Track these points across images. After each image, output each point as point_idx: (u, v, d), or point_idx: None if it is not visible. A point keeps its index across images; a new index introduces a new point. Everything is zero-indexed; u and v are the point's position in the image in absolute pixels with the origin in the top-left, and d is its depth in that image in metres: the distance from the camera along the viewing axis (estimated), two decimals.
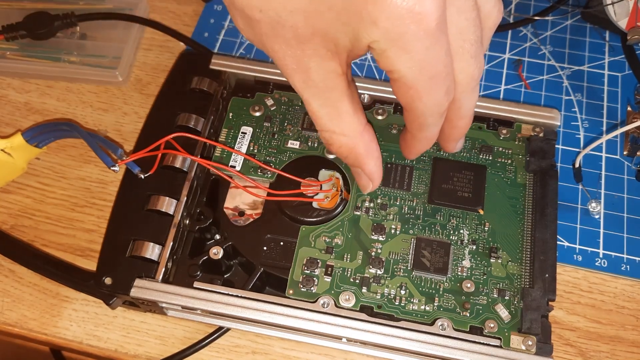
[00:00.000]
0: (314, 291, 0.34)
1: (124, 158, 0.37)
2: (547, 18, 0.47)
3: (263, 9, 0.26)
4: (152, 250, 0.34)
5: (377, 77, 0.45)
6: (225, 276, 0.36)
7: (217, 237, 0.37)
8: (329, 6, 0.25)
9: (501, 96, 0.44)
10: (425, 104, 0.28)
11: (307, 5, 0.25)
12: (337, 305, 0.33)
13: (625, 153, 0.41)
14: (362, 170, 0.32)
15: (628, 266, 0.38)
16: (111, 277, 0.34)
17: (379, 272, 0.35)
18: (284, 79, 0.40)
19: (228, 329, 0.36)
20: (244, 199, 0.37)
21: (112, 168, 0.37)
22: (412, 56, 0.25)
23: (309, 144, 0.39)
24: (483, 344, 0.32)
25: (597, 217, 0.39)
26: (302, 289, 0.34)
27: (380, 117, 0.40)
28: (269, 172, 0.38)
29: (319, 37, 0.26)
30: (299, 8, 0.25)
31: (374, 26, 0.25)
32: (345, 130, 0.29)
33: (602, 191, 0.40)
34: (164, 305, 0.34)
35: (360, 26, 0.25)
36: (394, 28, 0.25)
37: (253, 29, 0.27)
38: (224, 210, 0.37)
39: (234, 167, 0.38)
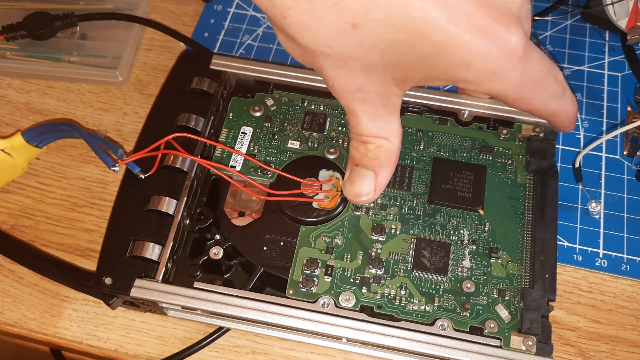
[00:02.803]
0: (314, 291, 0.34)
1: (124, 158, 0.37)
2: (547, 18, 0.47)
3: (334, 45, 0.25)
4: (152, 250, 0.34)
5: None
6: (225, 276, 0.36)
7: (217, 237, 0.37)
8: (410, 49, 0.25)
9: None
10: (541, 101, 0.29)
11: (387, 45, 0.25)
12: (337, 305, 0.33)
13: (625, 153, 0.41)
14: (377, 175, 0.31)
15: (628, 266, 0.38)
16: (111, 277, 0.34)
17: (379, 272, 0.35)
18: (284, 79, 0.40)
19: (228, 329, 0.36)
20: (244, 199, 0.37)
21: (112, 168, 0.37)
22: (509, 83, 0.27)
23: (309, 144, 0.39)
24: (483, 344, 0.32)
25: (597, 217, 0.39)
26: (302, 289, 0.34)
27: None
28: (269, 172, 0.38)
29: (390, 68, 0.26)
30: (377, 47, 0.25)
31: (466, 69, 0.25)
32: (389, 136, 0.30)
33: (602, 191, 0.40)
34: (164, 305, 0.34)
35: (449, 69, 0.26)
36: (487, 67, 0.26)
37: (315, 60, 0.27)
38: (224, 210, 0.37)
39: (234, 167, 0.38)
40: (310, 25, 0.25)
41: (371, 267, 0.35)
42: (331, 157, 0.38)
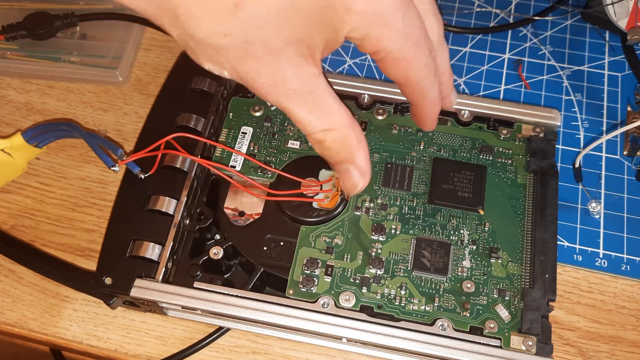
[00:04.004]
0: (314, 291, 0.34)
1: (124, 158, 0.37)
2: (547, 18, 0.47)
3: (228, 32, 0.25)
4: (152, 250, 0.34)
5: (377, 77, 0.45)
6: (225, 276, 0.36)
7: (217, 237, 0.37)
8: (297, 13, 0.25)
9: (501, 96, 0.44)
10: (417, 70, 0.29)
11: (274, 18, 0.25)
12: (337, 305, 0.33)
13: (625, 153, 0.41)
14: (354, 164, 0.30)
15: (628, 266, 0.38)
16: (111, 277, 0.34)
17: (379, 272, 0.35)
18: None
19: (228, 329, 0.36)
20: (244, 199, 0.37)
21: (112, 168, 0.37)
22: (394, 29, 0.26)
23: (309, 144, 0.39)
24: (483, 344, 0.32)
25: (597, 217, 0.39)
26: (302, 289, 0.34)
27: (380, 117, 0.40)
28: (269, 172, 0.38)
29: (292, 45, 0.26)
30: (267, 22, 0.25)
31: (350, 14, 0.25)
32: (335, 124, 0.28)
33: (602, 191, 0.40)
34: (164, 305, 0.34)
35: (336, 20, 0.25)
36: (370, 8, 0.25)
37: (219, 57, 0.26)
38: (224, 210, 0.37)
39: (234, 167, 0.38)
40: (199, 15, 0.25)
41: (371, 267, 0.35)
42: None
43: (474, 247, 0.35)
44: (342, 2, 0.25)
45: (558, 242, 0.35)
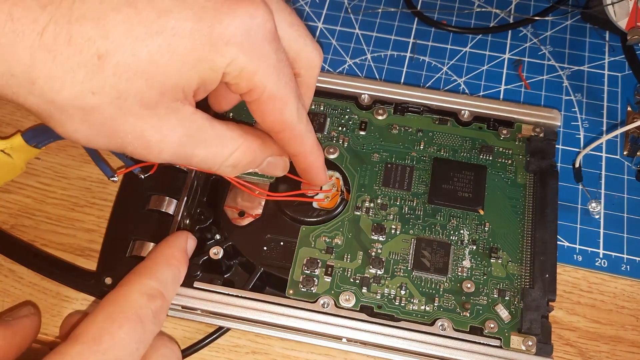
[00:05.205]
0: (314, 291, 0.34)
1: (127, 160, 0.37)
2: (547, 18, 0.47)
3: (96, 89, 0.22)
4: None
5: (377, 77, 0.45)
6: (225, 276, 0.36)
7: (217, 237, 0.37)
8: (170, 56, 0.23)
9: (501, 96, 0.44)
10: (293, 111, 0.27)
11: (146, 66, 0.23)
12: (337, 305, 0.33)
13: (625, 153, 0.41)
14: (271, 155, 0.31)
15: (628, 266, 0.38)
16: (111, 277, 0.34)
17: (379, 272, 0.35)
18: None
19: (228, 329, 0.36)
20: (244, 199, 0.37)
21: (111, 179, 0.37)
22: (269, 61, 0.25)
23: None
24: (483, 344, 0.32)
25: (597, 217, 0.39)
26: (302, 289, 0.34)
27: (380, 117, 0.40)
28: None
29: (168, 93, 0.24)
30: (138, 72, 0.23)
31: (228, 45, 0.24)
32: (237, 142, 0.28)
33: (602, 191, 0.40)
34: None
35: (214, 54, 0.24)
36: (247, 37, 0.24)
37: (92, 120, 0.23)
38: (224, 210, 0.37)
39: None
40: (60, 74, 0.22)
41: (371, 267, 0.35)
42: (331, 157, 0.38)
43: (474, 247, 0.35)
44: (221, 35, 0.24)
45: (558, 242, 0.35)
